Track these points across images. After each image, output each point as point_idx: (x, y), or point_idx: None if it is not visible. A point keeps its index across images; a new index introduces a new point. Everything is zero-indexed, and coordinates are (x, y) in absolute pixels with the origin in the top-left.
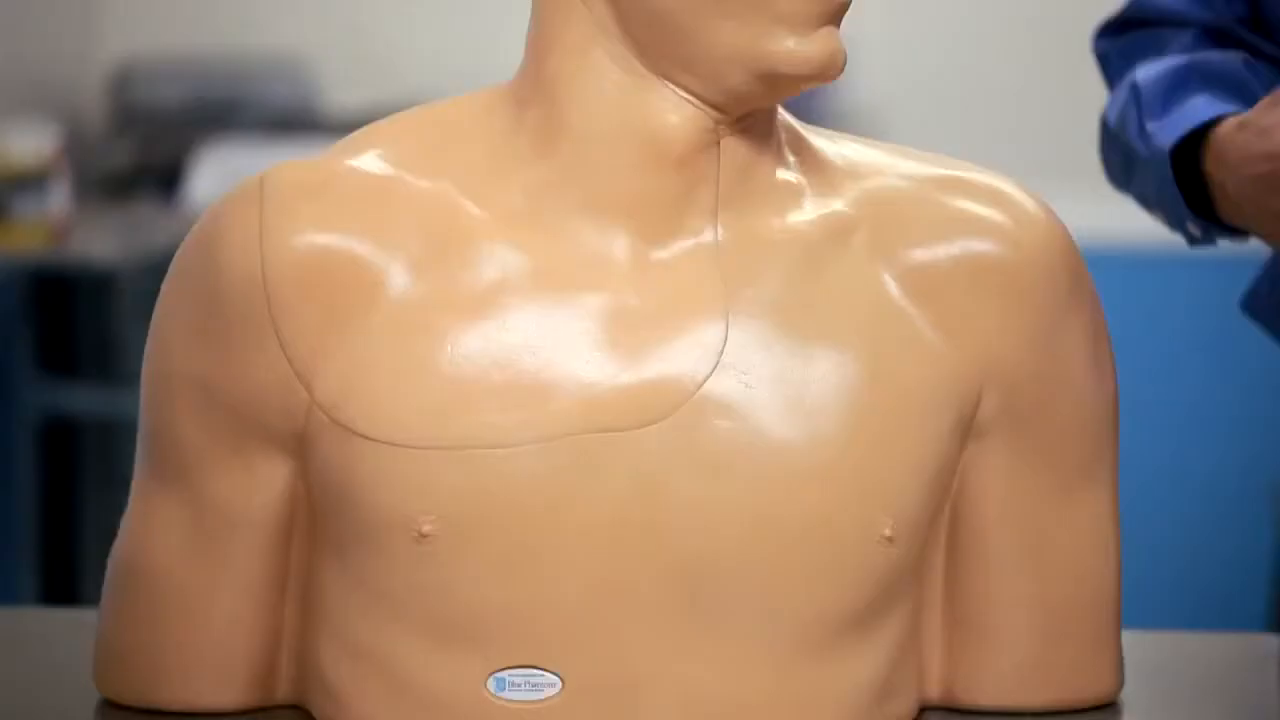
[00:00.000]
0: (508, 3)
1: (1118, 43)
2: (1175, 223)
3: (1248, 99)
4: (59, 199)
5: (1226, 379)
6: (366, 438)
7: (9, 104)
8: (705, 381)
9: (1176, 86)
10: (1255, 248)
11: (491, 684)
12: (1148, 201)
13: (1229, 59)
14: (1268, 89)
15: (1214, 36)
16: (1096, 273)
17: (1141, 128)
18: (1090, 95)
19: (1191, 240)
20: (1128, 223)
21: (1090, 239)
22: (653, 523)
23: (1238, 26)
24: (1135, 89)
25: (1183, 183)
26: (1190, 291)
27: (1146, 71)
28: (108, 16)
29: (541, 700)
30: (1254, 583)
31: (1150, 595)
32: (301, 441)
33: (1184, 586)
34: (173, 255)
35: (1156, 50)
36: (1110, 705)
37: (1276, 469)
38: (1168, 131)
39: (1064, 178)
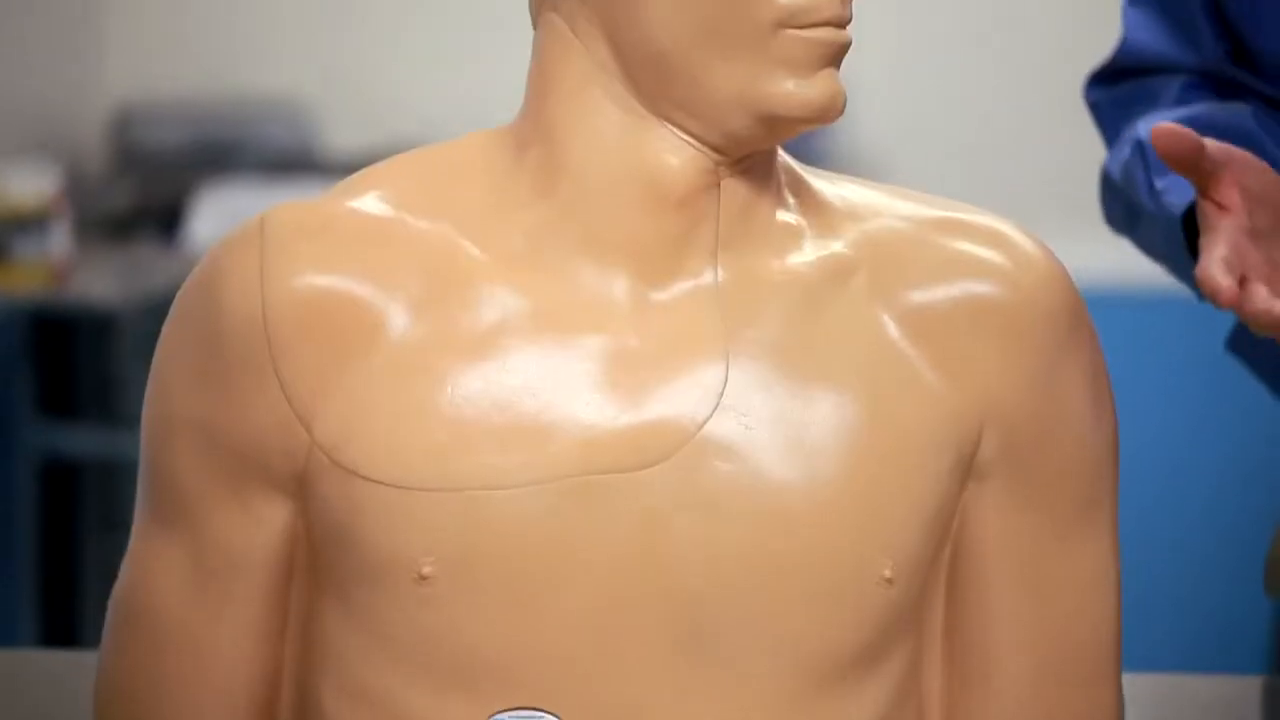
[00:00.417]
0: (507, 45)
1: (1110, 92)
2: (1184, 278)
3: (1257, 155)
4: (59, 240)
5: (1224, 419)
6: (367, 479)
7: (10, 145)
8: (705, 423)
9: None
10: None
11: None
12: (1153, 252)
13: (1236, 112)
14: (1278, 142)
15: (1204, 81)
16: (1095, 314)
17: (1150, 185)
18: (1088, 138)
19: (1201, 295)
20: (1126, 264)
21: (1089, 280)
22: (653, 564)
23: (1227, 66)
24: (1140, 146)
25: (1193, 242)
26: (1188, 332)
27: (1150, 126)
28: (108, 58)
29: None
30: (1254, 624)
31: (1150, 635)
32: (302, 482)
33: (1184, 626)
34: (173, 297)
35: (1148, 101)
36: None
37: (1276, 509)
38: (1178, 193)
39: (1062, 219)
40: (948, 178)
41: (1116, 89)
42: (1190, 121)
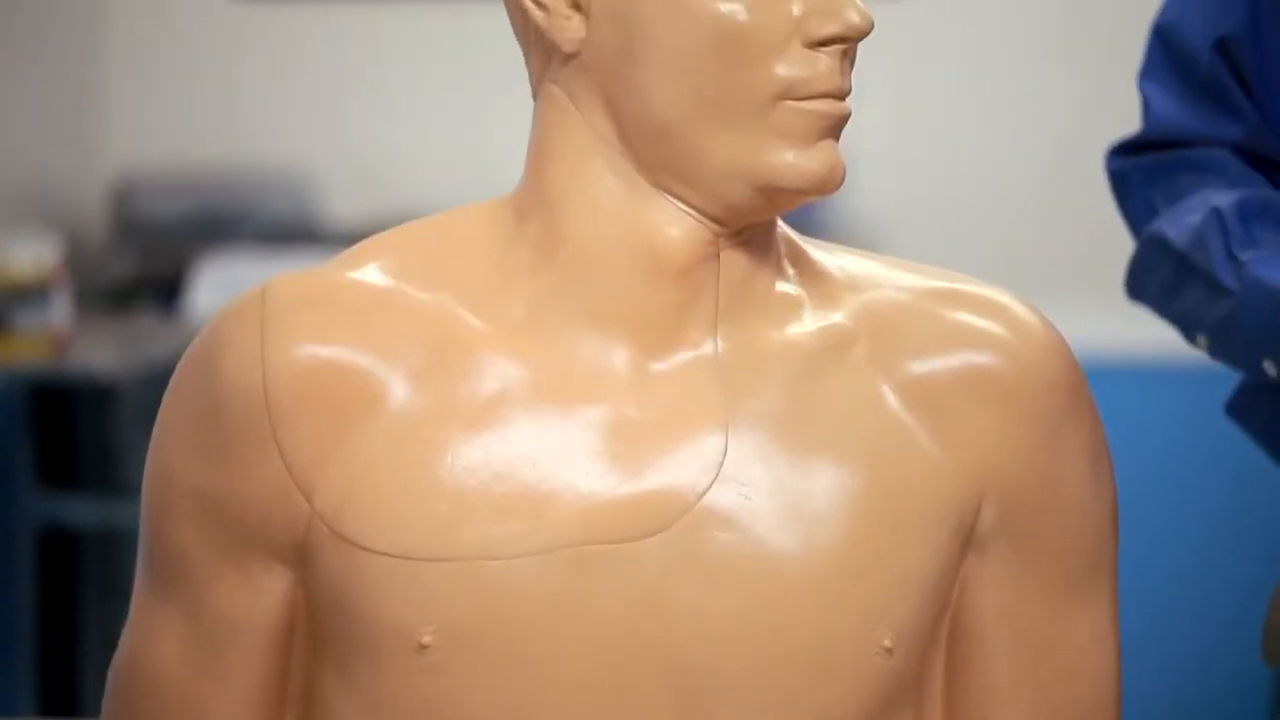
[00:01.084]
0: (508, 116)
1: (1138, 161)
2: (1241, 358)
3: None
4: (60, 310)
5: (1224, 489)
6: (367, 549)
7: (10, 215)
8: (705, 493)
9: (1261, 215)
10: None
11: None
12: (1195, 322)
13: None
14: None
15: (1245, 155)
16: (1095, 384)
17: (1229, 253)
18: (1087, 210)
19: (1262, 377)
20: (1125, 335)
21: (1088, 351)
22: (652, 634)
23: (1262, 140)
24: (1218, 214)
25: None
26: (1188, 402)
27: (1225, 197)
28: (109, 128)
29: None
30: (1252, 691)
31: (1150, 703)
32: (301, 552)
33: (1183, 694)
34: (173, 367)
35: (1196, 171)
36: None
37: (1272, 578)
38: (1267, 267)
39: (1061, 290)
40: (946, 248)
41: (1146, 158)
42: (1261, 203)
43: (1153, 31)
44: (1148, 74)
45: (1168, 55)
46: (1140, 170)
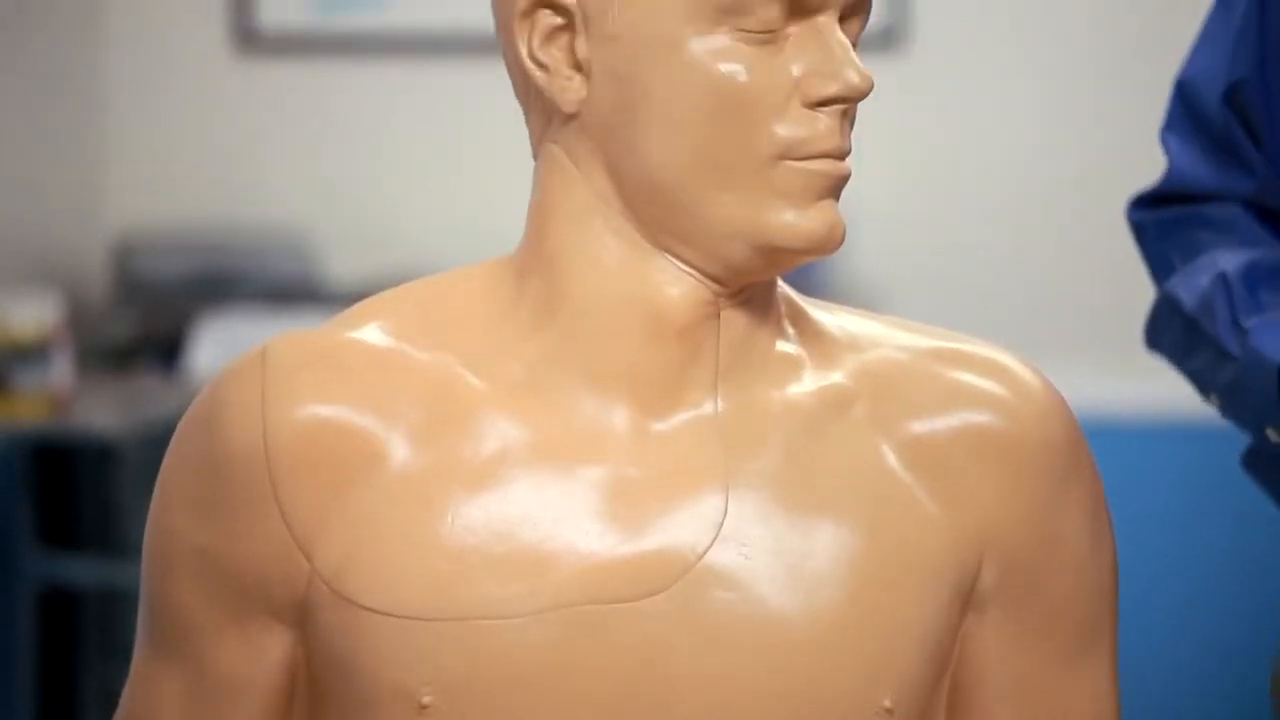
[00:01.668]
0: (508, 176)
1: (1155, 215)
2: (1248, 422)
3: None
4: (60, 370)
5: (1225, 549)
6: (368, 609)
7: (11, 275)
8: (705, 553)
9: (1268, 279)
10: None
11: None
12: (1207, 383)
13: None
14: None
15: (1257, 210)
16: (1095, 444)
17: (1234, 321)
18: (1087, 270)
19: (1266, 443)
20: (1125, 395)
21: (1088, 411)
22: (653, 694)
23: (1277, 193)
24: (1224, 279)
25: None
26: (1189, 462)
27: (1232, 260)
28: (110, 189)
29: None
30: None
31: None
32: (302, 611)
33: None
34: (174, 426)
35: (1209, 228)
36: None
37: (1277, 642)
38: (1268, 335)
39: (1061, 350)
40: (946, 308)
41: (1163, 212)
42: (1270, 267)
43: (1175, 86)
44: (1169, 127)
45: (1187, 110)
46: (1158, 226)
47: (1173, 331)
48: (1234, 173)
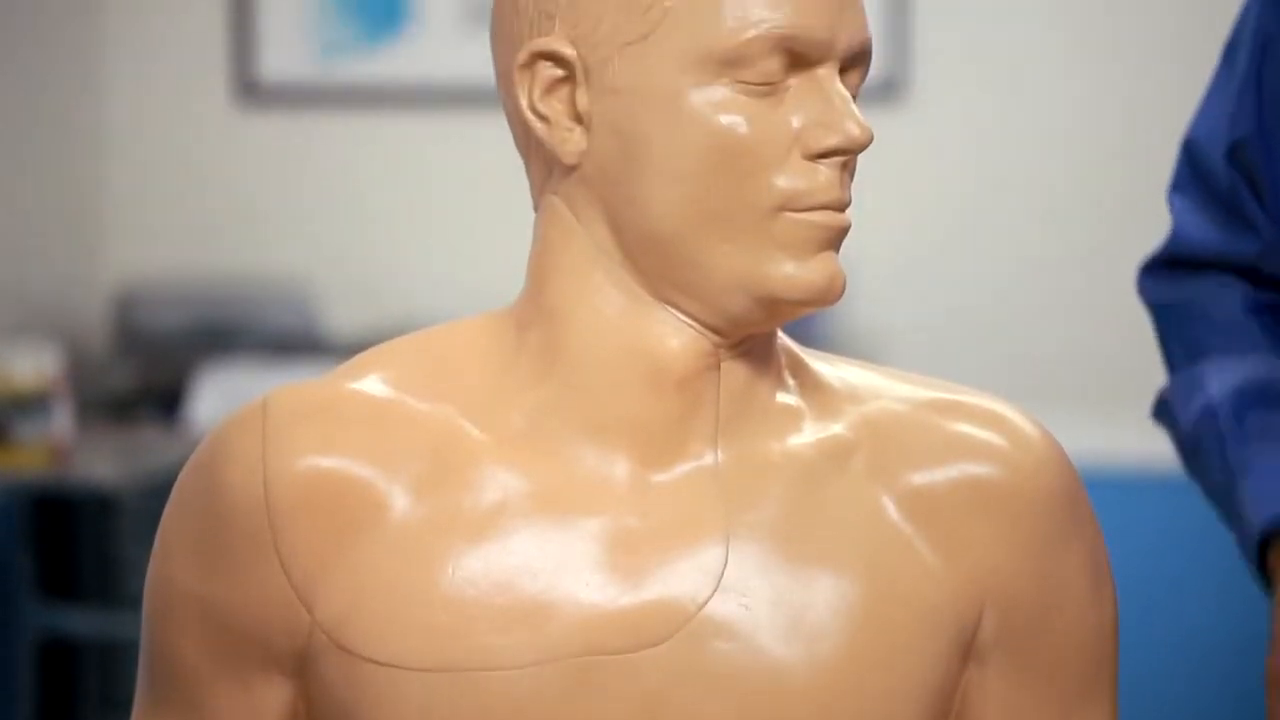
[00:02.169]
0: (508, 228)
1: (1160, 286)
2: (1229, 526)
3: None
4: (61, 420)
5: (1226, 600)
6: (368, 660)
7: (12, 325)
8: (705, 604)
9: (1256, 402)
10: None
11: None
12: (1204, 486)
13: None
14: None
15: (1252, 278)
16: (1095, 495)
17: (1223, 456)
18: (1087, 320)
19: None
20: (1125, 446)
21: (1088, 462)
22: None
23: (1274, 259)
24: (1211, 411)
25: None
26: (1189, 513)
27: (1219, 386)
28: (110, 239)
29: None
30: None
31: None
32: (302, 661)
33: None
34: (174, 477)
35: (1204, 320)
36: None
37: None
38: (1256, 483)
39: (1061, 401)
40: (945, 358)
41: (1168, 286)
42: (1259, 386)
43: (1181, 145)
44: (1176, 187)
45: (1193, 169)
46: (1163, 304)
47: (1172, 435)
48: (1238, 233)
